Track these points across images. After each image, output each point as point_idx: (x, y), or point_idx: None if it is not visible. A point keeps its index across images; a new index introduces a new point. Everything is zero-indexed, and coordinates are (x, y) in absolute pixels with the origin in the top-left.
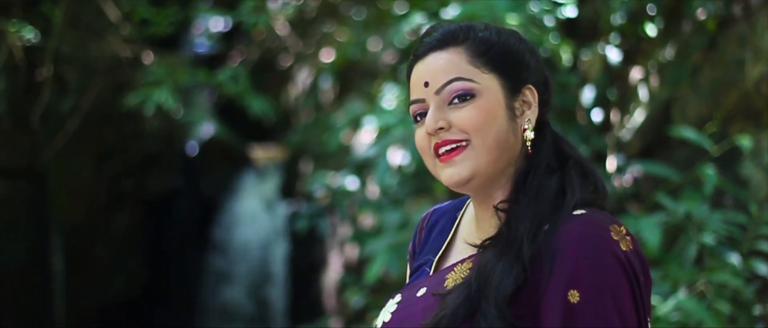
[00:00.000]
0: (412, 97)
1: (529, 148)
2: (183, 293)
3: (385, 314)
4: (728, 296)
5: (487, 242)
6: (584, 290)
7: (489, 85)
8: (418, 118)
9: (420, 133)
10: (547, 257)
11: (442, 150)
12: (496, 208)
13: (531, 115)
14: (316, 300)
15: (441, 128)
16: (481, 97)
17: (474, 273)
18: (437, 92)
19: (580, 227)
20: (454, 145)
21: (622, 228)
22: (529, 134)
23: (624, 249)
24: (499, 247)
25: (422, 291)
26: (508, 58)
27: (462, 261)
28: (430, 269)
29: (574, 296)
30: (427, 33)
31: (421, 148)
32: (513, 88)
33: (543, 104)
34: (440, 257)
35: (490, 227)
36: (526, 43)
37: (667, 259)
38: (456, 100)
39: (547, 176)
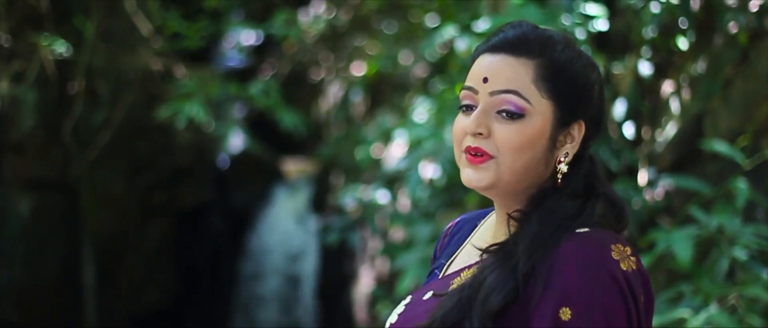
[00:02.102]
0: (467, 83)
1: (560, 180)
2: (214, 306)
3: (393, 316)
4: (760, 311)
5: (491, 248)
6: (576, 308)
7: (542, 110)
8: (464, 108)
9: (460, 123)
10: (542, 273)
11: (472, 150)
12: (509, 215)
13: (570, 149)
14: (347, 313)
15: (480, 133)
16: (528, 121)
17: (469, 279)
18: (491, 94)
19: (579, 244)
20: (482, 154)
21: (626, 248)
22: (563, 167)
23: (624, 269)
24: (499, 256)
25: (428, 294)
26: (573, 90)
27: (470, 266)
28: (441, 272)
29: (565, 314)
30: (505, 29)
31: (455, 136)
32: (564, 121)
33: (586, 140)
34: (453, 261)
35: (502, 234)
36: (599, 75)
37: (699, 273)
38: (504, 114)
39: (568, 200)
